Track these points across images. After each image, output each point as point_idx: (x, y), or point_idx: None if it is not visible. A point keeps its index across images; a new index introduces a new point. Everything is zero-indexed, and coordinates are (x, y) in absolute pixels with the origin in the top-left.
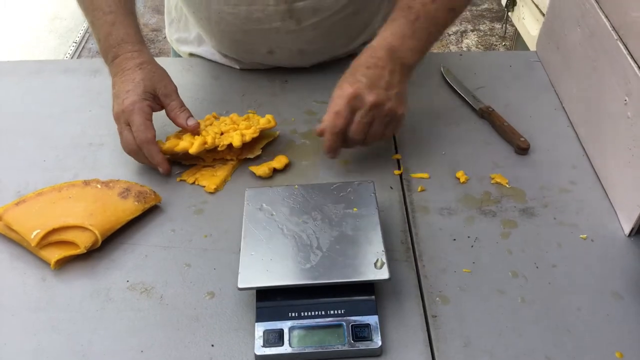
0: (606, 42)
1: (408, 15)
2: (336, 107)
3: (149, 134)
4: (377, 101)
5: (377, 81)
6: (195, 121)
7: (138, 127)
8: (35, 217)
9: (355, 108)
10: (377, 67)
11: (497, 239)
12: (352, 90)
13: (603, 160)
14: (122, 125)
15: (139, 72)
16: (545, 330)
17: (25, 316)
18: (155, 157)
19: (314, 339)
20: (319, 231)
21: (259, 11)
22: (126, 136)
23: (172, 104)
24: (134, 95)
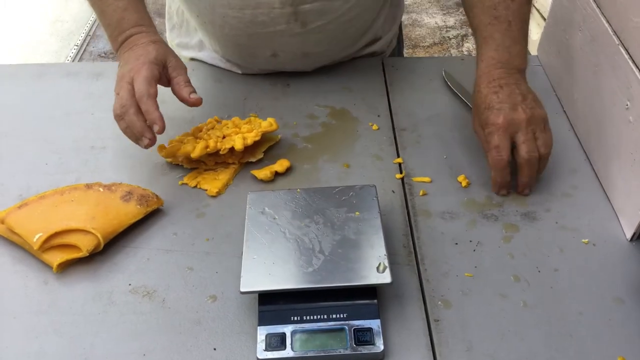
0: (607, 47)
1: (499, 26)
2: (494, 142)
3: (151, 89)
4: (526, 115)
5: (513, 99)
6: (198, 96)
7: (142, 81)
8: (37, 221)
9: (513, 133)
10: (503, 87)
11: (499, 243)
12: (500, 119)
13: (605, 165)
14: (122, 85)
15: (152, 46)
16: (547, 334)
17: (27, 319)
18: (152, 112)
19: (316, 343)
20: (321, 235)
21: (264, 14)
22: (123, 92)
23: (179, 78)
24: (145, 59)
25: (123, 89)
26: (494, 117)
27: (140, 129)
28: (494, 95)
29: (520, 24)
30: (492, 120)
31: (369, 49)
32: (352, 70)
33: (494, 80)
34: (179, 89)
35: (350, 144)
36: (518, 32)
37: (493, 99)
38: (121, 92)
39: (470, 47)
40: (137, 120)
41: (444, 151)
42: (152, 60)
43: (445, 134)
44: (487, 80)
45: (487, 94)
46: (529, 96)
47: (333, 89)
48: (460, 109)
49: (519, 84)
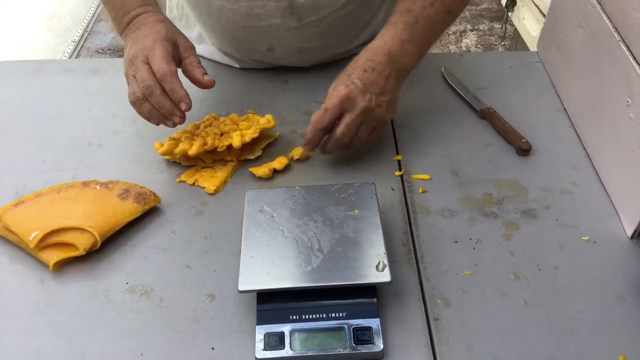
0: (608, 44)
1: (407, 19)
2: (326, 105)
3: (172, 67)
4: (368, 107)
5: (372, 86)
6: (211, 78)
7: (160, 60)
8: (34, 219)
9: (346, 110)
10: (374, 71)
11: (499, 240)
12: (346, 91)
13: (605, 162)
14: (138, 65)
15: (161, 24)
16: (547, 333)
17: (24, 318)
18: (179, 90)
19: (315, 342)
20: (320, 233)
21: (260, 7)
22: (142, 73)
23: (191, 58)
24: (155, 37)
25: (141, 70)
26: (343, 86)
27: (169, 108)
28: (362, 71)
29: (425, 28)
30: (339, 88)
31: (366, 45)
32: None
33: (373, 61)
34: (191, 69)
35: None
36: (420, 35)
37: (358, 72)
38: (139, 74)
39: (469, 43)
40: (165, 100)
41: (443, 148)
42: (163, 37)
43: (445, 131)
44: (368, 57)
45: (358, 66)
46: (387, 95)
47: None
48: (460, 106)
49: (389, 79)
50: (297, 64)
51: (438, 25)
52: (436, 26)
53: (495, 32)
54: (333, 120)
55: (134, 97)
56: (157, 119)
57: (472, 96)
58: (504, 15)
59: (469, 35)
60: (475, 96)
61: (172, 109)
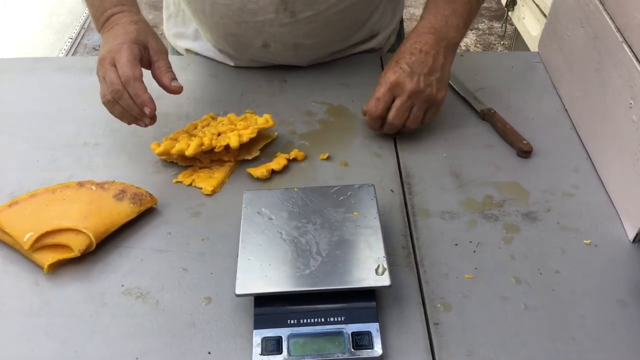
0: (610, 44)
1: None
2: (377, 93)
3: (137, 71)
4: (417, 89)
5: (419, 67)
6: (179, 84)
7: (124, 64)
8: (28, 220)
9: (396, 95)
10: (421, 52)
11: (500, 244)
12: (393, 77)
13: (607, 164)
14: (106, 67)
15: (133, 26)
16: (549, 338)
17: (18, 321)
18: (142, 95)
19: (313, 347)
20: (319, 236)
21: (253, 2)
22: (110, 76)
23: (160, 62)
24: (124, 39)
25: (109, 73)
26: (391, 72)
27: (138, 111)
28: (409, 55)
29: (466, 3)
30: (388, 75)
31: (365, 45)
32: (350, 67)
33: (419, 42)
34: (159, 74)
35: (348, 141)
36: (461, 6)
37: (405, 57)
38: (108, 76)
39: (468, 42)
40: (134, 104)
41: (443, 150)
42: (132, 40)
43: (445, 132)
44: (414, 39)
45: (405, 50)
46: (436, 73)
47: (330, 86)
48: (461, 106)
49: (439, 56)
50: (292, 62)
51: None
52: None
53: (495, 31)
54: (386, 107)
55: (104, 99)
56: (128, 119)
57: (473, 97)
58: (503, 14)
59: (468, 35)
60: (476, 97)
61: (140, 113)
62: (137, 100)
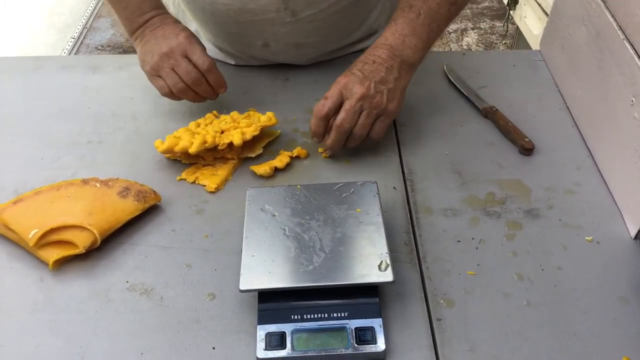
0: (612, 42)
1: (409, 14)
2: (327, 94)
3: (213, 61)
4: (367, 93)
5: (371, 75)
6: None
7: (202, 54)
8: (33, 217)
9: (345, 98)
10: (374, 63)
11: (502, 240)
12: (344, 81)
13: (609, 162)
14: (177, 58)
15: (182, 26)
16: (551, 334)
17: (23, 317)
18: (221, 79)
19: (316, 342)
20: (322, 232)
21: (253, 2)
22: (184, 67)
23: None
24: (187, 33)
25: (183, 64)
26: (342, 76)
27: (211, 93)
28: (362, 63)
29: (429, 20)
30: (339, 79)
31: (365, 43)
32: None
33: (373, 55)
34: None
35: None
36: (423, 27)
37: (358, 65)
38: (182, 67)
39: (469, 41)
40: (211, 88)
41: (445, 147)
42: (193, 36)
43: (447, 130)
44: (369, 52)
45: (358, 60)
46: (388, 84)
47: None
48: (462, 104)
49: (391, 70)
50: (293, 61)
51: (442, 17)
52: (440, 18)
53: (497, 30)
54: (334, 108)
55: (177, 88)
56: (196, 100)
57: (475, 95)
58: (505, 13)
59: (469, 34)
60: (478, 95)
61: (212, 94)
62: (216, 84)
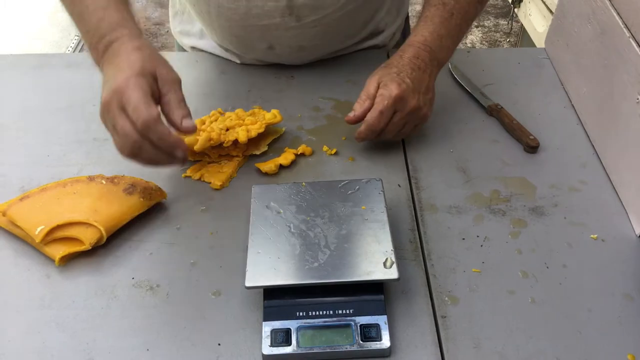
0: (618, 40)
1: (443, 12)
2: (381, 106)
3: (152, 111)
4: (417, 106)
5: (419, 85)
6: (192, 123)
7: (137, 105)
8: (39, 213)
9: (397, 110)
10: (420, 69)
11: (507, 238)
12: (398, 92)
13: (614, 160)
14: (114, 114)
15: (137, 54)
16: (556, 331)
17: (29, 313)
18: (167, 138)
19: (322, 338)
20: (327, 229)
21: (258, 7)
22: (122, 126)
23: (170, 95)
24: (129, 72)
25: (120, 121)
26: (396, 85)
27: (166, 158)
28: (411, 70)
29: (460, 20)
30: (393, 87)
31: (369, 42)
32: (357, 63)
33: (418, 58)
34: (169, 110)
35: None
36: (455, 28)
37: (408, 71)
38: (120, 126)
39: (473, 39)
40: (158, 153)
41: (450, 145)
42: (138, 72)
43: (452, 128)
44: (414, 53)
45: (406, 63)
46: (430, 93)
47: (337, 82)
48: (467, 102)
49: (432, 77)
50: (297, 62)
51: (470, 16)
52: (469, 17)
53: (501, 28)
54: (387, 122)
55: (123, 153)
56: (159, 164)
57: (480, 92)
58: (509, 11)
59: (473, 32)
60: (483, 92)
61: (169, 157)
62: (163, 145)
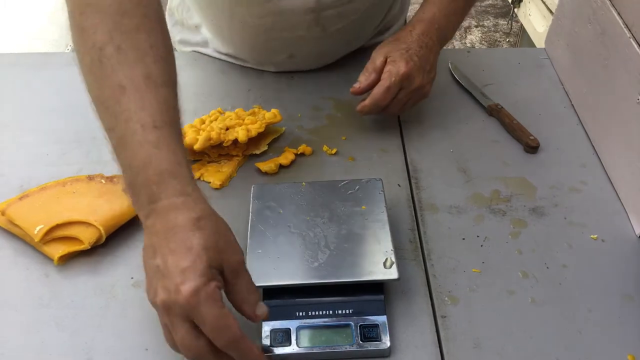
0: (618, 40)
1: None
2: (388, 82)
3: (235, 328)
4: (421, 84)
5: (425, 63)
6: (265, 308)
7: (216, 324)
8: (38, 212)
9: (403, 87)
10: (427, 47)
11: (507, 238)
12: (406, 69)
13: (614, 160)
14: (175, 320)
15: (198, 235)
16: (556, 331)
17: (28, 313)
18: (251, 354)
19: (321, 339)
20: (327, 229)
21: (285, 21)
22: (189, 340)
23: (240, 283)
24: (196, 275)
25: (182, 331)
26: (404, 62)
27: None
28: (419, 47)
29: (464, 3)
30: (401, 64)
31: (376, 39)
32: (357, 62)
33: (427, 36)
34: (240, 299)
35: (355, 136)
36: (461, 6)
37: (416, 49)
38: (184, 340)
39: (473, 39)
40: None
41: (450, 145)
42: (204, 273)
43: (452, 128)
44: (423, 30)
45: (415, 40)
46: (433, 72)
47: (338, 81)
48: (467, 102)
49: (436, 55)
50: (313, 67)
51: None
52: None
53: (500, 28)
54: (392, 98)
55: (186, 354)
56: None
57: (480, 92)
58: (509, 11)
59: (473, 32)
60: (483, 92)
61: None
62: None
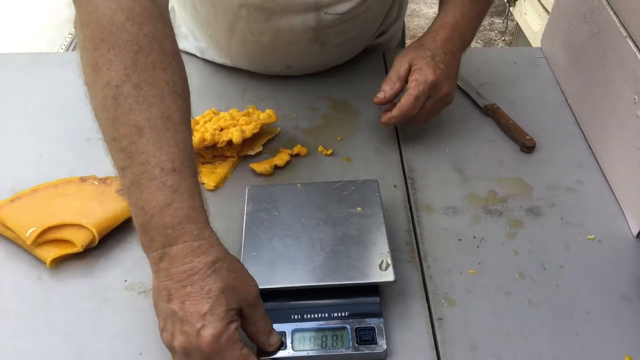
0: (615, 40)
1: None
2: (417, 92)
3: None
4: (447, 92)
5: (451, 70)
6: (278, 337)
7: None
8: (30, 215)
9: (430, 95)
10: (452, 54)
11: (503, 239)
12: (434, 78)
13: (610, 160)
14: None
15: (215, 278)
16: (553, 333)
17: (20, 316)
18: None
19: (317, 342)
20: (322, 231)
21: (285, 39)
22: None
23: (256, 315)
24: (216, 320)
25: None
26: (431, 70)
27: None
28: (444, 54)
29: (485, 4)
30: (429, 72)
31: (373, 42)
32: (353, 62)
33: (451, 42)
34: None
35: (351, 137)
36: (482, 10)
37: (441, 55)
38: None
39: None
40: None
41: (446, 145)
42: (224, 317)
43: (447, 128)
44: (447, 36)
45: (439, 47)
46: (457, 78)
47: (333, 81)
48: (464, 102)
49: (459, 61)
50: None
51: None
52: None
53: (496, 27)
54: (421, 107)
55: None
56: None
57: (475, 92)
58: (504, 10)
59: None
60: (479, 92)
61: None
62: None
